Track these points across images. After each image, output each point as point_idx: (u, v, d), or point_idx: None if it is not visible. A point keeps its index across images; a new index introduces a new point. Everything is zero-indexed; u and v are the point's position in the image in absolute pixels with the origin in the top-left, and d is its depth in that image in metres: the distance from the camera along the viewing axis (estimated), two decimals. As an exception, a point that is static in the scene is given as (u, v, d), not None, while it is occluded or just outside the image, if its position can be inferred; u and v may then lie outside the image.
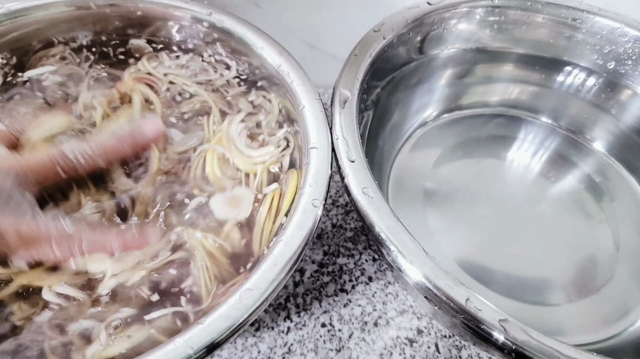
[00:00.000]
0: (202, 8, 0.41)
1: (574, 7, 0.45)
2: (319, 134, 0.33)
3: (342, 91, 0.35)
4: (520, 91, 0.52)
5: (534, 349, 0.23)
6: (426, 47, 0.46)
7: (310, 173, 0.30)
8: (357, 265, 0.41)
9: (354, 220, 0.44)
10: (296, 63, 0.38)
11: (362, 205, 0.29)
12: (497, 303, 0.25)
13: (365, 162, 0.31)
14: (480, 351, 0.36)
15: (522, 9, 0.46)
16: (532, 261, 0.41)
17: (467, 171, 0.47)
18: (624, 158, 0.48)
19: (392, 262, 0.27)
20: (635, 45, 0.44)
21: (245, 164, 0.34)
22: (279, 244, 0.27)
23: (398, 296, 0.39)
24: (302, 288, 0.39)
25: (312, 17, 0.54)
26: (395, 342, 0.36)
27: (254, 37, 0.40)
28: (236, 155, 0.35)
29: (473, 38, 0.48)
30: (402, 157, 0.48)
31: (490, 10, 0.46)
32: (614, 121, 0.48)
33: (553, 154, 0.49)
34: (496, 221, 0.43)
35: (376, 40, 0.40)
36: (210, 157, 0.34)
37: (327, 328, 0.37)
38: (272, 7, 0.53)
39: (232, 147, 0.35)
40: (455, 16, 0.45)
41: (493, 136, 0.51)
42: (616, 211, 0.45)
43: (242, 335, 0.36)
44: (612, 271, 0.40)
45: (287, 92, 0.37)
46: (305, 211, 0.28)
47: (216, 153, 0.34)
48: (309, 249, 0.41)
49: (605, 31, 0.45)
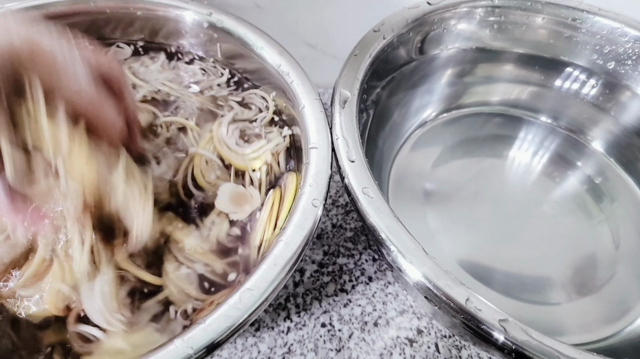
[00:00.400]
0: (202, 8, 0.41)
1: (574, 7, 0.45)
2: (319, 134, 0.33)
3: (342, 91, 0.35)
4: (520, 91, 0.52)
5: (534, 349, 0.23)
6: (426, 47, 0.46)
7: (310, 173, 0.30)
8: (357, 265, 0.41)
9: (354, 220, 0.44)
10: (296, 63, 0.38)
11: (362, 205, 0.29)
12: (497, 302, 0.25)
13: (365, 162, 0.31)
14: (480, 351, 0.36)
15: (522, 9, 0.46)
16: (532, 260, 0.41)
17: (467, 170, 0.47)
18: (623, 159, 0.48)
19: (392, 262, 0.27)
20: (635, 45, 0.44)
21: (238, 161, 0.35)
22: (279, 244, 0.27)
23: (398, 296, 0.39)
24: (302, 288, 0.39)
25: (312, 17, 0.54)
26: (395, 342, 0.37)
27: (254, 37, 0.40)
28: (229, 154, 0.35)
29: (473, 38, 0.48)
30: (402, 157, 0.48)
31: (490, 10, 0.46)
32: (614, 122, 0.48)
33: (553, 154, 0.49)
34: (496, 220, 0.43)
35: (376, 40, 0.40)
36: (198, 162, 0.34)
37: (327, 328, 0.37)
38: (273, 8, 0.53)
39: (223, 148, 0.35)
40: (455, 16, 0.45)
41: (493, 136, 0.51)
42: (616, 211, 0.45)
43: (242, 335, 0.36)
44: (612, 270, 0.40)
45: (287, 92, 0.37)
46: (305, 211, 0.28)
47: (203, 158, 0.34)
48: (309, 249, 0.41)
49: (605, 31, 0.45)
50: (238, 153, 0.35)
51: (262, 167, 0.35)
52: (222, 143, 0.35)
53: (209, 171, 0.34)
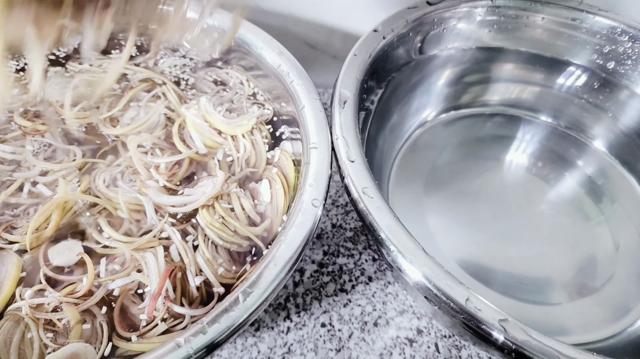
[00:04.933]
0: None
1: (574, 7, 0.45)
2: (319, 134, 0.33)
3: (342, 91, 0.35)
4: (520, 90, 0.52)
5: (534, 349, 0.23)
6: (426, 47, 0.46)
7: (310, 173, 0.30)
8: (357, 265, 0.41)
9: (354, 220, 0.44)
10: (296, 63, 0.38)
11: (362, 205, 0.29)
12: (497, 302, 0.25)
13: (365, 162, 0.31)
14: (480, 351, 0.36)
15: (522, 8, 0.46)
16: (532, 260, 0.41)
17: (467, 170, 0.47)
18: (623, 158, 0.48)
19: (392, 262, 0.27)
20: (635, 45, 0.44)
21: (228, 128, 0.37)
22: (279, 244, 0.27)
23: (398, 296, 0.39)
24: (302, 288, 0.39)
25: (312, 17, 0.54)
26: (395, 342, 0.37)
27: (254, 37, 0.40)
28: (218, 123, 0.37)
29: (473, 38, 0.48)
30: (402, 157, 0.48)
31: (490, 10, 0.46)
32: (613, 121, 0.48)
33: (553, 154, 0.49)
34: (496, 221, 0.43)
35: (376, 40, 0.40)
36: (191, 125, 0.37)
37: (327, 327, 0.37)
38: (273, 7, 0.53)
39: (212, 119, 0.37)
40: (455, 16, 0.45)
41: (493, 136, 0.51)
42: (616, 212, 0.45)
43: (242, 335, 0.36)
44: (612, 270, 0.40)
45: (287, 92, 0.37)
46: (305, 211, 0.28)
47: (192, 121, 0.37)
48: (309, 249, 0.41)
49: (605, 31, 0.45)
50: (224, 122, 0.37)
51: (253, 131, 0.38)
52: (210, 115, 0.38)
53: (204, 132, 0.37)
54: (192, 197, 0.32)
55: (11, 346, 0.26)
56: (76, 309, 0.27)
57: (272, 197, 0.33)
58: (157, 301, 0.27)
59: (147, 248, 0.30)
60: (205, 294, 0.29)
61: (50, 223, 0.30)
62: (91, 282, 0.28)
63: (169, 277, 0.28)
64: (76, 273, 0.29)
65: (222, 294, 0.29)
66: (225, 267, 0.30)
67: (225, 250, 0.31)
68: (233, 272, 0.30)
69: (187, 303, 0.28)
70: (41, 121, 0.36)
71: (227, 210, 0.32)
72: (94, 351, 0.26)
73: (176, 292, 0.28)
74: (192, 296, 0.29)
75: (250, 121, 0.37)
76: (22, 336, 0.26)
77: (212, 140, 0.37)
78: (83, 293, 0.28)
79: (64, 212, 0.31)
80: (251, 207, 0.33)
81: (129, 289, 0.29)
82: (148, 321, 0.27)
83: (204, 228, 0.32)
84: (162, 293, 0.27)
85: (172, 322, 0.27)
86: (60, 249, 0.30)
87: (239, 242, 0.32)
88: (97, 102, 0.38)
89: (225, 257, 0.31)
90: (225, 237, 0.31)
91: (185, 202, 0.32)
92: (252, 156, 0.37)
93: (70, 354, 0.25)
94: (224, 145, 0.37)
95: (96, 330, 0.27)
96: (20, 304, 0.27)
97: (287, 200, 0.33)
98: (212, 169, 0.35)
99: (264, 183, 0.34)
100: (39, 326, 0.26)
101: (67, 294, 0.28)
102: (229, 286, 0.30)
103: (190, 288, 0.29)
